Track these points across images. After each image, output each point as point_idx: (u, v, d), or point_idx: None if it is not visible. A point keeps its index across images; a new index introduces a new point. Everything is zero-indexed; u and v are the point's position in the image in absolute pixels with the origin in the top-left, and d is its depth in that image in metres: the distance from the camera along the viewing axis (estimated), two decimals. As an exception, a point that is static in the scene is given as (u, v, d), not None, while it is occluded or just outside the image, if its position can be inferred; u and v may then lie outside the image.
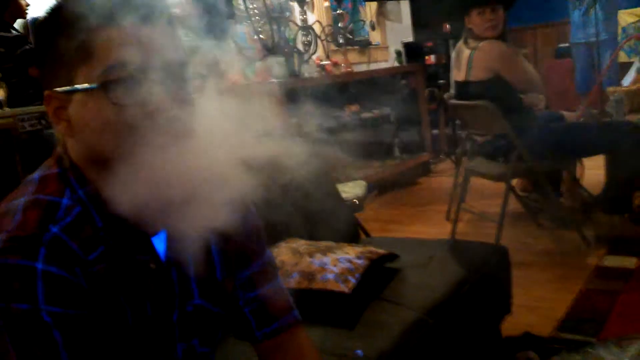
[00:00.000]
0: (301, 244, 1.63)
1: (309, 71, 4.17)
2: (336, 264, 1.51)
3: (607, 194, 2.86)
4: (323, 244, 1.64)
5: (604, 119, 3.35)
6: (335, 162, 3.97)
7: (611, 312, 2.17)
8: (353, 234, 2.05)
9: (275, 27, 4.17)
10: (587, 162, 3.19)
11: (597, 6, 5.64)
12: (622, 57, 6.14)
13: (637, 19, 6.06)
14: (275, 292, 0.95)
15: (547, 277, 2.55)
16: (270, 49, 4.02)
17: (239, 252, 0.91)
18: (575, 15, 5.76)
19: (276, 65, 3.93)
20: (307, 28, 4.37)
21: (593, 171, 3.18)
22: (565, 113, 3.37)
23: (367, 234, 2.15)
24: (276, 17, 4.22)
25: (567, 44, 6.19)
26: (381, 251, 1.67)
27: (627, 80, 5.15)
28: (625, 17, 6.23)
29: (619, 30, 6.16)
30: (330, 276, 1.45)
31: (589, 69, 5.79)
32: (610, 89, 3.82)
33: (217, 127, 0.78)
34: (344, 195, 2.33)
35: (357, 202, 2.36)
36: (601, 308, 2.20)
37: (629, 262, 2.58)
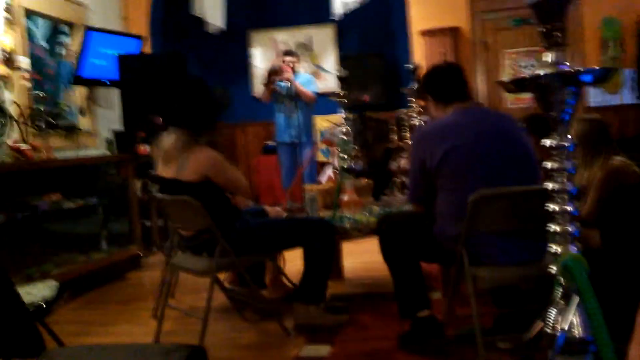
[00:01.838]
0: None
1: (1, 155, 3.74)
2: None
3: (304, 284, 3.05)
4: (-13, 364, 1.38)
5: (300, 214, 3.63)
6: (26, 258, 3.54)
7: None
8: (35, 346, 1.79)
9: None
10: (291, 253, 3.37)
11: (298, 111, 6.29)
12: (321, 157, 6.90)
13: (330, 124, 6.92)
14: None
15: (249, 373, 2.57)
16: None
17: None
18: (280, 118, 6.33)
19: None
20: (0, 108, 3.95)
21: (295, 262, 3.38)
22: (269, 208, 3.56)
23: (60, 343, 1.92)
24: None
25: (273, 142, 6.73)
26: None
27: (323, 178, 5.78)
28: (321, 122, 7.08)
29: (316, 133, 6.95)
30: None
31: (292, 166, 6.35)
32: (307, 186, 4.20)
33: None
34: (28, 298, 2.05)
35: (44, 306, 2.09)
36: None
37: (323, 350, 2.75)
